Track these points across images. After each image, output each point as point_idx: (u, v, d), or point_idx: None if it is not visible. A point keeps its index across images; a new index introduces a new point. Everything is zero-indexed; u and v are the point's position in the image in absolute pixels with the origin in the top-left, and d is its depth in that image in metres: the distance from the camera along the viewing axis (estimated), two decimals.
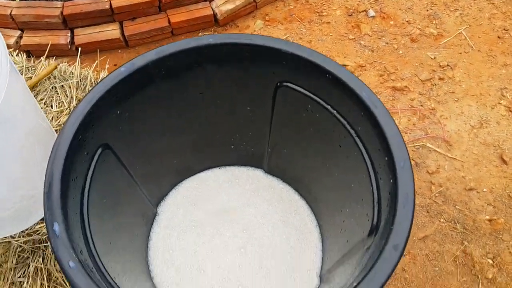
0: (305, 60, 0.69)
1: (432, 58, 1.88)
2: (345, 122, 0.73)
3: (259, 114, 0.94)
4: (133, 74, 0.70)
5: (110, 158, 0.79)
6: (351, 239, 0.84)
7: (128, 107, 0.76)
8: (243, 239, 1.08)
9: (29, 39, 1.82)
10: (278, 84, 0.81)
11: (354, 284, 0.57)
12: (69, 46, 1.82)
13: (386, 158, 0.63)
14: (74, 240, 0.62)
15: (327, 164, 0.91)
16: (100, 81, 0.67)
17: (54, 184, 0.61)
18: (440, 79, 1.80)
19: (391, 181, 0.62)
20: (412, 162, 1.58)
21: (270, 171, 1.18)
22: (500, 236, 1.44)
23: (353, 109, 0.69)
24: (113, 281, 0.70)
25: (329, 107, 0.74)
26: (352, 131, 0.73)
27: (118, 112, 0.74)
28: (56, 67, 1.12)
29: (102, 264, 0.70)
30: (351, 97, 0.67)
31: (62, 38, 1.82)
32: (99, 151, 0.74)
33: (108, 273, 0.70)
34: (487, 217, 1.46)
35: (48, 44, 1.76)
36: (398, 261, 0.57)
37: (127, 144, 0.84)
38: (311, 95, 0.77)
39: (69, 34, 1.85)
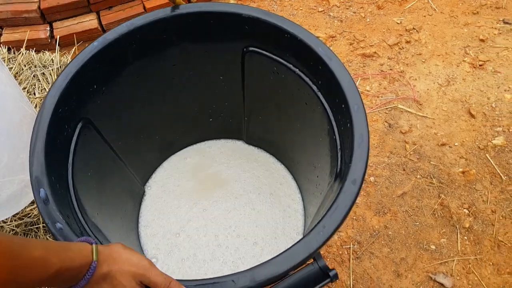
0: (264, 21, 0.73)
1: (398, 23, 1.93)
2: (307, 79, 0.78)
3: (231, 82, 0.97)
4: (106, 48, 0.73)
5: (91, 133, 0.83)
6: (324, 190, 0.89)
7: (104, 81, 0.79)
8: (232, 213, 1.13)
9: (10, 35, 1.81)
10: (244, 49, 0.84)
11: (319, 218, 0.61)
12: (49, 40, 1.83)
13: (343, 106, 0.68)
14: (60, 205, 0.65)
15: (298, 124, 0.96)
16: (76, 56, 0.70)
17: (37, 153, 0.65)
18: (407, 42, 1.85)
19: (348, 125, 0.67)
20: (386, 124, 1.64)
21: (249, 141, 1.22)
22: (474, 186, 1.50)
23: (312, 65, 0.74)
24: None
25: (291, 66, 0.79)
26: (314, 87, 0.77)
27: (95, 86, 0.77)
28: None
29: (90, 229, 0.73)
30: (309, 53, 0.72)
31: (41, 32, 1.83)
32: (79, 125, 0.77)
33: (96, 237, 0.74)
34: (460, 170, 1.52)
35: (28, 39, 1.77)
36: (357, 194, 0.62)
37: (107, 119, 0.87)
38: (275, 57, 0.81)
39: (48, 28, 1.85)
